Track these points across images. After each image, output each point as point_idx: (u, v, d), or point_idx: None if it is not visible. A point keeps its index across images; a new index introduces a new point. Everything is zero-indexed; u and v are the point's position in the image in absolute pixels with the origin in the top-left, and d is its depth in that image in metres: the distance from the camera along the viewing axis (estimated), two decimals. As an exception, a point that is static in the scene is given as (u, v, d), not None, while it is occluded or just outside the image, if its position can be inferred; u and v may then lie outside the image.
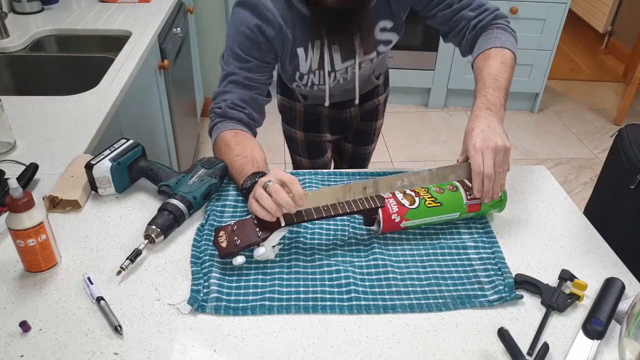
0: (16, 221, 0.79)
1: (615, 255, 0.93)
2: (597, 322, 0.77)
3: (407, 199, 0.91)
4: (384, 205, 0.89)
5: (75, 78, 1.70)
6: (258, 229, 0.83)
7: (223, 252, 0.82)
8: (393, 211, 0.89)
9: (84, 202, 0.98)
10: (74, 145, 1.14)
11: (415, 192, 0.92)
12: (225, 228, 0.85)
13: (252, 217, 0.85)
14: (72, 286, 0.81)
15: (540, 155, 3.05)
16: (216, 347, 0.73)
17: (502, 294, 0.82)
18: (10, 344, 0.72)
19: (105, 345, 0.72)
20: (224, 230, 0.84)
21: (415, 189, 0.93)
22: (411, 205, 0.90)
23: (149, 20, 1.89)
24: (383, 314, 0.79)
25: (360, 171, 1.12)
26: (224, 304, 0.79)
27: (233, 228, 0.84)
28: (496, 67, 1.01)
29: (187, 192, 0.94)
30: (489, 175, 0.88)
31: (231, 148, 1.01)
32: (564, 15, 3.05)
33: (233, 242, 0.82)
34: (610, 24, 4.45)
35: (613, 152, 1.14)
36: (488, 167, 0.88)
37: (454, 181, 0.95)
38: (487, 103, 0.95)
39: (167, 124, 2.09)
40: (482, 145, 0.89)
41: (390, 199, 0.90)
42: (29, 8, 1.96)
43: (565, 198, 1.07)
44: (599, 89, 3.91)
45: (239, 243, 0.82)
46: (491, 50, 1.05)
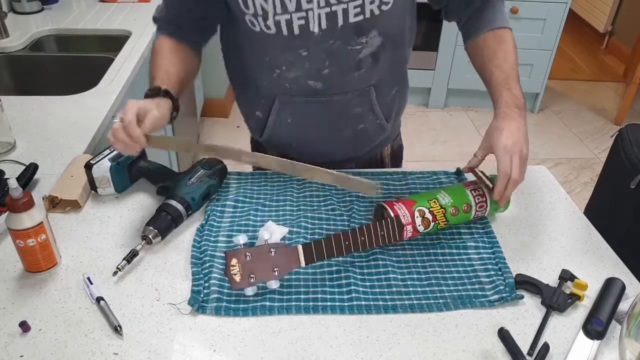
0: (16, 221, 0.78)
1: (615, 255, 0.93)
2: (598, 322, 0.77)
3: (424, 224, 0.88)
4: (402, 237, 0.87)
5: (75, 78, 1.70)
6: (275, 268, 0.78)
7: (236, 285, 0.77)
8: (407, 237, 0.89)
9: (83, 202, 0.98)
10: (74, 145, 1.14)
11: (433, 216, 0.89)
12: (238, 256, 0.77)
13: (268, 246, 0.79)
14: (72, 286, 0.81)
15: (540, 155, 3.05)
16: (216, 347, 0.73)
17: (503, 294, 0.82)
18: (10, 344, 0.72)
19: (105, 345, 0.72)
20: (237, 259, 0.77)
21: (434, 212, 0.89)
22: (425, 229, 0.89)
23: (149, 20, 1.87)
24: (384, 314, 0.79)
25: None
26: (224, 305, 0.78)
27: (247, 258, 0.77)
28: (513, 55, 0.96)
29: (185, 193, 0.94)
30: (516, 180, 0.86)
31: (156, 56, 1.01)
32: (564, 15, 3.05)
33: (248, 277, 0.77)
34: (611, 23, 4.45)
35: (613, 152, 1.14)
36: (516, 171, 0.86)
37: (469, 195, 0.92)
38: (515, 100, 0.91)
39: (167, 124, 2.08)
40: (512, 148, 0.86)
41: (409, 226, 0.87)
42: (29, 8, 1.96)
43: (565, 198, 1.07)
44: (599, 89, 3.90)
45: (253, 280, 0.77)
46: (503, 31, 0.99)
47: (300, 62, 0.97)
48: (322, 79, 1.00)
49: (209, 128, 3.07)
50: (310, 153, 1.08)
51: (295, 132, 1.09)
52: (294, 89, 1.02)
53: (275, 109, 1.06)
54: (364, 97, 1.05)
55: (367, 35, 0.96)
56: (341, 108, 1.05)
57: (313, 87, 1.01)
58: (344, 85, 1.02)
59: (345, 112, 1.05)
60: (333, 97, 1.03)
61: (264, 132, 1.12)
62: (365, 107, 1.06)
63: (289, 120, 1.07)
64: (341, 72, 0.99)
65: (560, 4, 3.00)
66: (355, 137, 1.11)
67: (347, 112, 1.05)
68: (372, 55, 0.99)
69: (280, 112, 1.06)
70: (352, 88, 1.03)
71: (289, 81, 1.01)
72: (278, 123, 1.08)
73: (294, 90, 1.02)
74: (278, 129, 1.09)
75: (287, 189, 1.04)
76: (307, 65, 0.98)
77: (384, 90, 1.07)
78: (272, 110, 1.06)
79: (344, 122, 1.07)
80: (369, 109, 1.07)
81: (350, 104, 1.05)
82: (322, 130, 1.08)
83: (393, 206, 0.88)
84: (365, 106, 1.06)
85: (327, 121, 1.07)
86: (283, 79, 1.01)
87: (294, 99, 1.03)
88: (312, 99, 1.03)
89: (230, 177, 1.06)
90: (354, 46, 0.96)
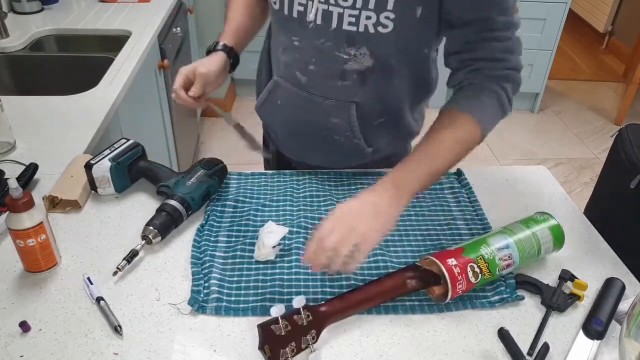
0: (16, 221, 0.78)
1: (615, 255, 0.93)
2: (598, 322, 0.77)
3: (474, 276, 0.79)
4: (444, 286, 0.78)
5: (75, 78, 1.70)
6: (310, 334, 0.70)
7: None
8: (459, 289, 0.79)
9: (83, 202, 0.98)
10: (74, 145, 1.14)
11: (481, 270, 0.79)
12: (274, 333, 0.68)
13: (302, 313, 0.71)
14: (72, 286, 0.81)
15: (540, 155, 3.05)
16: (216, 347, 0.73)
17: (504, 294, 0.82)
18: (10, 344, 0.72)
19: (105, 345, 0.72)
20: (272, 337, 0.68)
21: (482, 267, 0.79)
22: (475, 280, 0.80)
23: (149, 20, 1.88)
24: (384, 314, 0.79)
25: (358, 171, 1.11)
26: (225, 305, 0.78)
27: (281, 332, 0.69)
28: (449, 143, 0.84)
29: (185, 193, 0.94)
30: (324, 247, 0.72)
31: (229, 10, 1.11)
32: (564, 15, 3.05)
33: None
34: (611, 23, 4.45)
35: (613, 152, 1.14)
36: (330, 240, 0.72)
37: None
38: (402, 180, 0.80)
39: (167, 124, 2.09)
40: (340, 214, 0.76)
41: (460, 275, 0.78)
42: (29, 8, 1.96)
43: (565, 198, 1.07)
44: (599, 88, 3.90)
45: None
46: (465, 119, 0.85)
47: (292, 49, 1.00)
48: (308, 75, 1.00)
49: (209, 128, 3.07)
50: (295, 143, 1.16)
51: (281, 116, 1.12)
52: (285, 74, 1.05)
53: (269, 87, 1.10)
54: (343, 111, 1.01)
55: (357, 50, 0.93)
56: (320, 111, 1.04)
57: (299, 79, 1.02)
58: (325, 90, 1.01)
59: (323, 117, 1.04)
60: (313, 97, 1.02)
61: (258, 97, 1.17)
62: (343, 121, 1.03)
63: (279, 102, 1.09)
64: (325, 74, 0.99)
65: (560, 4, 3.01)
66: (330, 146, 1.08)
67: (325, 117, 1.04)
68: (359, 73, 0.96)
69: (272, 91, 1.09)
70: (333, 96, 1.00)
71: (282, 64, 1.04)
72: (269, 100, 1.11)
73: (285, 75, 1.05)
74: (268, 106, 1.13)
75: (287, 189, 1.04)
76: (297, 56, 1.00)
77: (368, 114, 1.03)
78: (267, 87, 1.10)
79: (321, 126, 1.06)
80: (346, 124, 1.03)
81: (329, 111, 1.03)
82: (302, 125, 1.09)
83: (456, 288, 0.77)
84: (343, 119, 1.03)
85: (307, 118, 1.06)
86: (280, 60, 1.05)
87: (285, 83, 1.06)
88: (297, 91, 1.04)
89: (230, 177, 1.06)
90: (342, 54, 0.94)
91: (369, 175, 1.09)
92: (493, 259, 0.80)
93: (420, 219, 0.98)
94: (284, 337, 0.68)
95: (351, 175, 1.09)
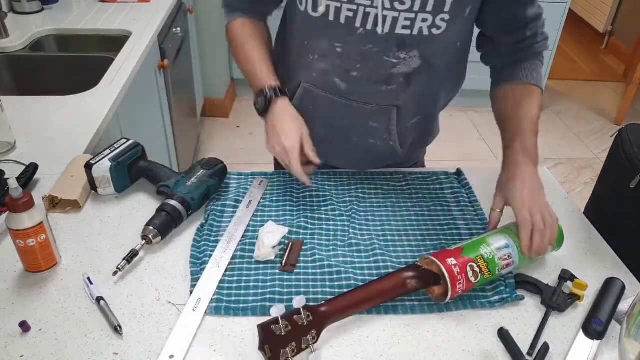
0: (16, 221, 0.78)
1: (615, 255, 0.93)
2: (598, 322, 0.77)
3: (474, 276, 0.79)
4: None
5: (75, 78, 1.70)
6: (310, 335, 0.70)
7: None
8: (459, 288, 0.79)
9: (83, 202, 0.98)
10: (74, 145, 1.14)
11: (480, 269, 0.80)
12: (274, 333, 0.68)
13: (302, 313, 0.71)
14: (72, 286, 0.81)
15: (540, 155, 3.05)
16: (216, 347, 0.73)
17: (504, 294, 0.82)
18: (10, 344, 0.72)
19: (105, 345, 0.72)
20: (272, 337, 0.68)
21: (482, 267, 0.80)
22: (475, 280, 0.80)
23: (149, 20, 1.88)
24: (384, 314, 0.79)
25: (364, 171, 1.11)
26: (224, 305, 0.78)
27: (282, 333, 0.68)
28: (536, 111, 0.95)
29: (185, 193, 0.94)
30: (541, 230, 0.83)
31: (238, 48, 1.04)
32: (564, 15, 3.05)
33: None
34: (611, 23, 4.45)
35: (613, 152, 1.14)
36: (538, 219, 0.83)
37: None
38: (526, 150, 0.91)
39: (167, 124, 2.09)
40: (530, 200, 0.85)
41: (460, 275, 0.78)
42: (29, 8, 1.96)
43: (565, 198, 1.07)
44: (599, 89, 3.90)
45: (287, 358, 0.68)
46: (534, 88, 0.98)
47: (333, 56, 0.96)
48: (349, 81, 0.98)
49: (209, 128, 3.07)
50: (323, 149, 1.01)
51: (313, 122, 1.00)
52: (319, 81, 1.01)
53: (299, 95, 1.04)
54: (384, 115, 1.02)
55: (408, 53, 0.92)
56: (358, 117, 1.02)
57: (337, 85, 0.99)
58: (368, 96, 0.99)
59: (361, 122, 1.03)
60: (353, 103, 1.00)
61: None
62: (382, 125, 1.03)
63: (310, 108, 1.03)
64: (369, 80, 0.97)
65: (560, 4, 3.00)
66: (361, 149, 1.08)
67: (363, 123, 1.04)
68: (405, 76, 0.96)
69: (303, 99, 1.04)
70: (375, 101, 1.00)
71: (317, 72, 1.00)
72: (300, 108, 1.01)
73: (320, 83, 1.01)
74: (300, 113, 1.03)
75: (287, 189, 1.04)
76: (338, 62, 0.96)
77: (406, 115, 1.03)
78: (296, 96, 1.05)
79: (357, 130, 1.05)
80: (385, 128, 1.04)
81: (368, 116, 1.02)
82: (334, 130, 1.06)
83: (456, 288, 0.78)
84: (383, 123, 1.03)
85: (342, 124, 1.05)
86: (312, 67, 1.00)
87: (317, 91, 1.02)
88: (333, 98, 1.01)
89: (230, 177, 1.06)
90: (391, 59, 0.93)
91: (369, 175, 1.10)
92: (493, 258, 0.80)
93: (420, 219, 0.98)
94: (284, 337, 0.68)
95: (350, 175, 1.09)
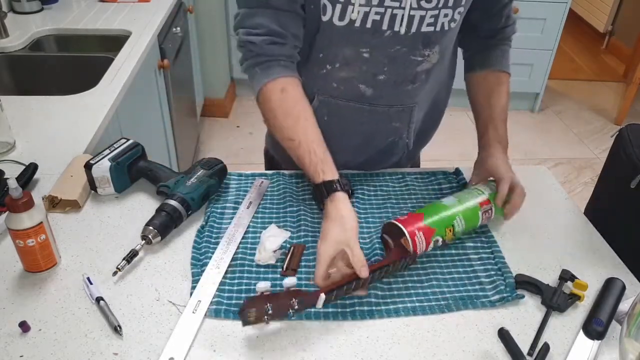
0: (16, 221, 0.78)
1: (615, 255, 0.93)
2: (598, 322, 0.76)
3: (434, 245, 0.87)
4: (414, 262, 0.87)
5: (74, 78, 1.70)
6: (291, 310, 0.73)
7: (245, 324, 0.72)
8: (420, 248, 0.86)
9: (83, 202, 0.98)
10: (74, 145, 1.14)
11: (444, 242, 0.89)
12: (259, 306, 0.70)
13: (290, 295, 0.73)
14: (72, 286, 0.81)
15: (540, 155, 3.05)
16: (216, 347, 0.73)
17: (504, 293, 0.82)
18: (10, 344, 0.72)
19: (105, 345, 0.72)
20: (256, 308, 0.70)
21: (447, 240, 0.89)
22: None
23: (149, 20, 1.88)
24: (386, 317, 0.78)
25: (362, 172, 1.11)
26: (224, 308, 0.78)
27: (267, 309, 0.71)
28: (505, 99, 1.04)
29: (185, 193, 0.93)
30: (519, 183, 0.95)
31: (279, 123, 0.87)
32: (564, 15, 3.05)
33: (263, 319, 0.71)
34: (611, 23, 4.45)
35: (613, 152, 1.14)
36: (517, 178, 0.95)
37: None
38: (499, 138, 1.00)
39: (167, 124, 2.09)
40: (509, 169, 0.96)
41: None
42: (29, 8, 1.96)
43: (565, 198, 1.07)
44: (600, 88, 3.90)
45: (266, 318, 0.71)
46: (504, 75, 1.06)
47: (359, 62, 0.93)
48: (375, 86, 0.96)
49: (209, 128, 3.07)
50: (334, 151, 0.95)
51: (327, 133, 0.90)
52: (340, 90, 0.98)
53: (312, 107, 0.92)
54: (406, 114, 1.03)
55: (432, 49, 0.94)
56: (381, 120, 1.03)
57: (362, 91, 0.97)
58: (394, 98, 0.99)
59: (384, 124, 1.04)
60: (377, 108, 1.00)
61: None
62: (404, 123, 1.04)
63: (325, 119, 1.00)
64: (395, 81, 0.96)
65: (560, 4, 3.01)
66: (381, 149, 1.08)
67: (386, 125, 1.04)
68: (427, 72, 0.97)
69: (317, 110, 0.97)
70: (399, 102, 1.00)
71: (338, 81, 0.96)
72: None
73: (340, 92, 0.98)
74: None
75: (287, 190, 1.03)
76: (365, 68, 0.94)
77: (421, 111, 1.06)
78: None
79: (379, 134, 1.05)
80: (406, 126, 1.05)
81: (392, 118, 1.03)
82: (353, 137, 1.05)
83: (415, 240, 0.83)
84: (404, 122, 1.04)
85: (363, 130, 1.04)
86: (332, 77, 0.96)
87: (337, 100, 0.99)
88: (355, 104, 0.99)
89: (230, 177, 1.06)
90: (417, 57, 0.94)
91: (368, 176, 1.09)
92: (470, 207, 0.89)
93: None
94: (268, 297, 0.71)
95: (350, 177, 1.09)
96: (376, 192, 1.05)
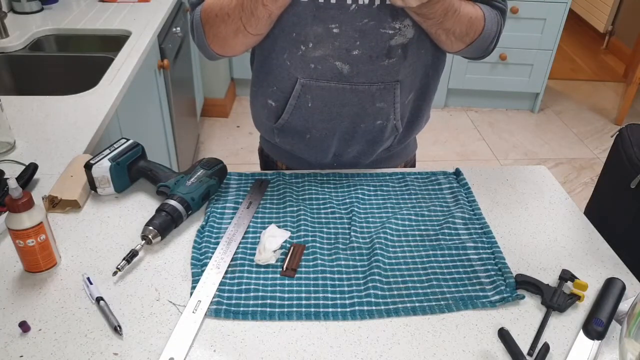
0: (15, 221, 0.78)
1: (615, 255, 0.93)
2: (598, 322, 0.77)
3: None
4: None
5: (74, 78, 1.70)
6: None
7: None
8: None
9: (83, 202, 0.98)
10: (74, 145, 1.14)
11: None
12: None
13: None
14: (72, 286, 0.81)
15: (540, 155, 3.05)
16: (216, 347, 0.73)
17: (504, 294, 0.82)
18: (10, 344, 0.72)
19: (105, 345, 0.72)
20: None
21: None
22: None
23: (149, 19, 1.88)
24: (386, 317, 0.79)
25: (358, 171, 1.11)
26: (224, 308, 0.78)
27: None
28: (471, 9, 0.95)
29: (185, 193, 0.94)
30: None
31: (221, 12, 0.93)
32: (564, 15, 3.05)
33: None
34: (611, 23, 4.45)
35: (613, 152, 1.14)
36: None
37: None
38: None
39: (167, 124, 2.09)
40: None
41: None
42: (29, 8, 1.96)
43: (565, 198, 1.07)
44: (600, 88, 3.91)
45: None
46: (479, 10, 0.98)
47: (330, 39, 0.95)
48: (350, 61, 0.97)
49: (209, 128, 3.07)
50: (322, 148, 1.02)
51: (313, 119, 1.01)
52: (318, 70, 0.99)
53: (296, 93, 1.00)
54: (389, 92, 1.02)
55: (402, 22, 0.94)
56: (365, 100, 1.02)
57: (339, 69, 0.98)
58: (371, 74, 0.99)
59: (369, 104, 1.03)
60: (358, 87, 1.00)
61: (280, 117, 1.06)
62: (389, 103, 1.04)
63: (309, 105, 1.02)
64: (370, 56, 0.97)
65: (560, 4, 3.01)
66: (371, 134, 1.08)
67: (370, 105, 1.03)
68: (403, 47, 0.97)
69: (301, 95, 1.01)
70: (379, 79, 1.00)
71: (314, 61, 0.98)
72: (297, 107, 1.02)
73: (319, 72, 0.99)
74: (297, 114, 1.04)
75: (287, 190, 1.03)
76: (337, 44, 0.95)
77: (404, 91, 1.04)
78: (293, 94, 1.02)
79: (364, 115, 1.05)
80: (391, 106, 1.04)
81: (374, 97, 1.02)
82: (341, 120, 1.05)
83: None
84: (389, 102, 1.03)
85: (349, 111, 1.04)
86: (309, 58, 0.98)
87: (318, 82, 1.00)
88: (337, 85, 1.00)
89: (230, 177, 1.06)
90: (387, 30, 0.94)
91: (368, 176, 1.09)
92: None
93: (420, 219, 0.98)
94: None
95: (350, 177, 1.09)
96: (376, 192, 1.05)
